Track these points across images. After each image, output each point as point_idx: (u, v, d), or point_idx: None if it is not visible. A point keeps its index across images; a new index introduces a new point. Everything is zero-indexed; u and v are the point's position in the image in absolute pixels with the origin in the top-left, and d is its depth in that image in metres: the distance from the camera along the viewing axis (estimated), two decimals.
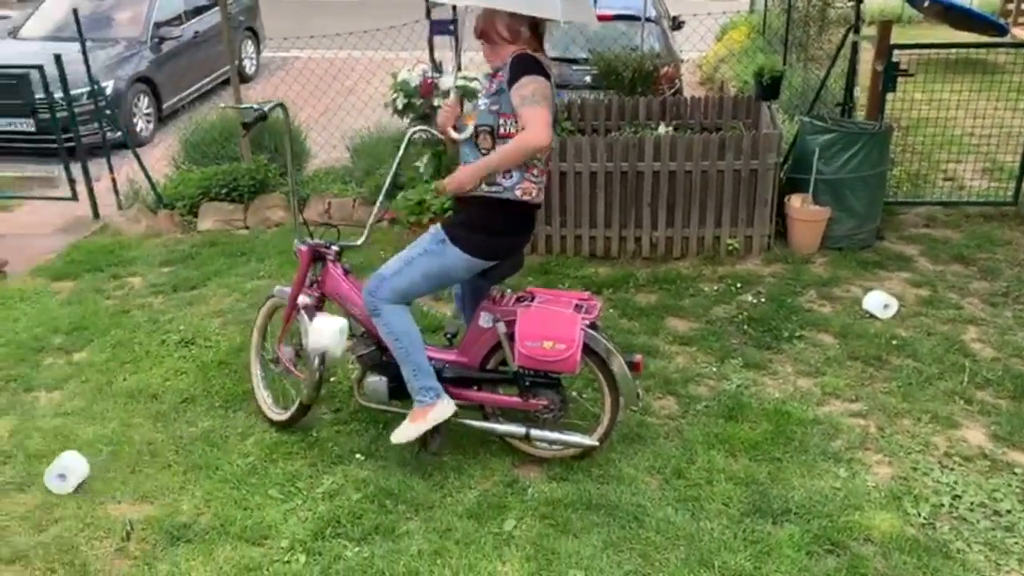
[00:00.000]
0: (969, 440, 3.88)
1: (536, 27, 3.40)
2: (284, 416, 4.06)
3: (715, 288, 5.34)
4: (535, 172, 3.45)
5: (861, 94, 6.35)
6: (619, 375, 3.56)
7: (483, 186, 3.40)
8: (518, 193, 3.42)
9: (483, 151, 3.39)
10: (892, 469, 3.72)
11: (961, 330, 4.79)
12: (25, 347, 4.93)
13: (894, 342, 4.67)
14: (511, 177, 3.40)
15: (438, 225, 3.57)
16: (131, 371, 4.65)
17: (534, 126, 3.25)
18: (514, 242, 3.59)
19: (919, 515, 3.44)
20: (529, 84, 3.27)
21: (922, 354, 4.55)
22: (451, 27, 6.85)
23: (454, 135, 3.49)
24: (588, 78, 7.60)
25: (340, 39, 7.61)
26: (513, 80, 3.28)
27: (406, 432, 3.63)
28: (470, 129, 3.41)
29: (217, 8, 10.37)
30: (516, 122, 3.33)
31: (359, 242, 3.89)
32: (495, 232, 3.48)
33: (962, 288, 5.26)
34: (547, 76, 3.34)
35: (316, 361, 3.82)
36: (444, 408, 3.61)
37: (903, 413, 4.09)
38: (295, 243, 4.00)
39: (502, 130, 3.36)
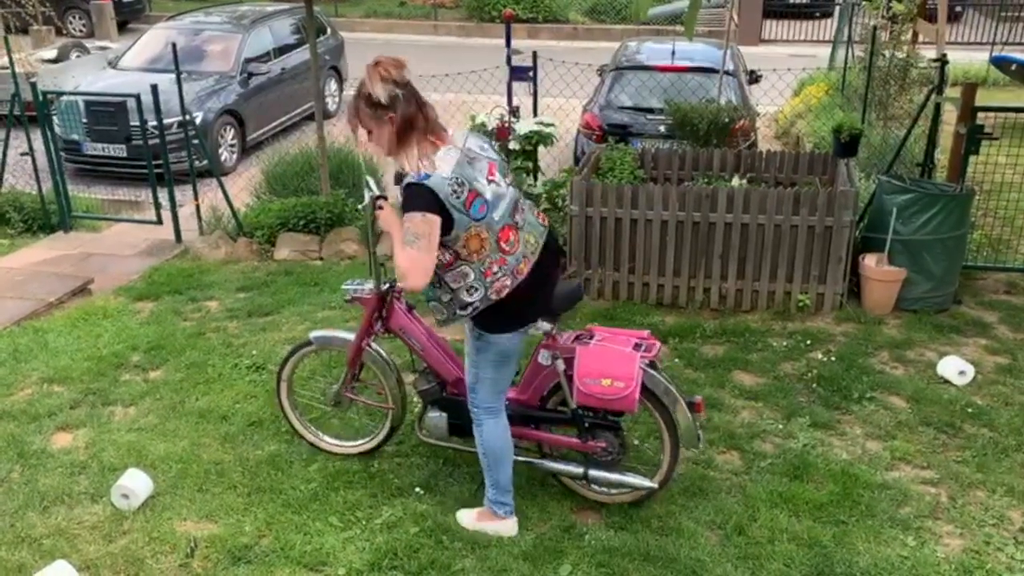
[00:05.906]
0: None
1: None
2: (370, 443, 4.10)
3: (784, 344, 5.27)
4: (495, 269, 3.22)
5: (942, 155, 6.24)
6: (677, 415, 3.53)
7: (458, 311, 3.27)
8: (493, 297, 3.23)
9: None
10: (964, 541, 3.60)
11: None
12: (105, 362, 5.12)
13: (969, 410, 4.53)
14: (476, 292, 3.22)
15: (470, 322, 3.35)
16: (203, 392, 4.79)
17: (413, 274, 3.07)
18: (538, 294, 3.39)
19: None
20: (406, 222, 3.07)
21: (999, 424, 4.41)
22: (530, 74, 6.97)
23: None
24: (662, 128, 7.65)
25: (421, 81, 7.77)
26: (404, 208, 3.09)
27: (469, 522, 3.66)
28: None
29: (303, 47, 10.83)
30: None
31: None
32: (514, 311, 3.32)
33: None
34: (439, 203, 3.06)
35: (392, 379, 3.91)
36: (509, 527, 3.62)
37: (977, 484, 3.95)
38: (345, 289, 3.91)
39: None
